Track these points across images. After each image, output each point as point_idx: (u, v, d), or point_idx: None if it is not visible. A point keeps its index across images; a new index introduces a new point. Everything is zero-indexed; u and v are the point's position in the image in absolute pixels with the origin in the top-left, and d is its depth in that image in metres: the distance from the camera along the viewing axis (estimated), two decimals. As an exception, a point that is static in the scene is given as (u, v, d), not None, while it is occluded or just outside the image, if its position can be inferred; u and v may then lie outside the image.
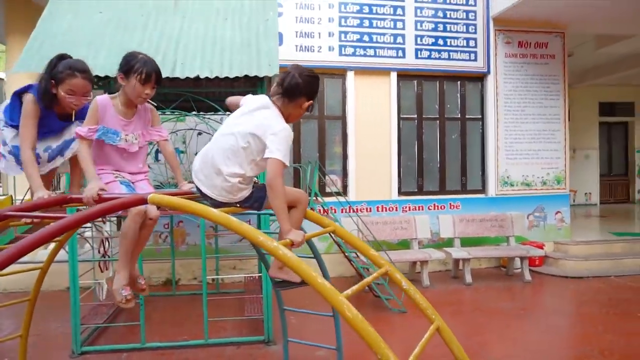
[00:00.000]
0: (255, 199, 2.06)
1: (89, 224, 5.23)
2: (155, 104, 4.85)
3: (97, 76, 4.10)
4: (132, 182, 2.37)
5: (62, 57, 2.35)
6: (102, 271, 5.51)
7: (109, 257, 5.61)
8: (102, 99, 2.26)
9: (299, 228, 2.00)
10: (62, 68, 2.28)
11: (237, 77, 4.19)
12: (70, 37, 4.36)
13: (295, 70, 2.04)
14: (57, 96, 2.30)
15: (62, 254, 5.47)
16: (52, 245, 3.25)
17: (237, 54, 4.40)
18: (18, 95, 2.40)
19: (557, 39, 7.84)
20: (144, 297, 4.35)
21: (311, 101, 2.10)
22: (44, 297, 6.04)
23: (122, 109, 2.32)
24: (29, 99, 2.29)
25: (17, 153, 2.39)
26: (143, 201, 1.84)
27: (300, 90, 2.02)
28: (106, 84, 4.74)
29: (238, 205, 2.10)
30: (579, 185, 12.57)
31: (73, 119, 2.43)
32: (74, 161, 2.55)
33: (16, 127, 2.37)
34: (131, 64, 2.22)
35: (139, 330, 4.37)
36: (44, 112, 2.32)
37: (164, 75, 4.06)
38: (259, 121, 1.98)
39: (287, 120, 2.06)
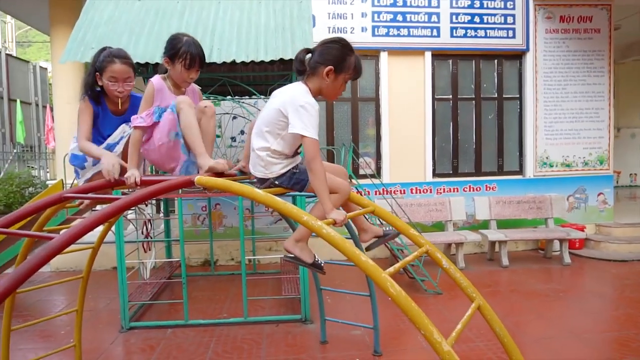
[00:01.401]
0: (297, 181, 2.08)
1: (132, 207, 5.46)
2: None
3: (137, 63, 4.23)
4: None
5: (103, 50, 2.40)
6: (145, 252, 5.75)
7: (151, 238, 5.84)
8: (156, 80, 2.27)
9: None
10: (102, 57, 2.34)
11: (272, 61, 4.23)
12: (111, 27, 4.51)
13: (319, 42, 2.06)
14: (104, 88, 2.36)
15: (109, 236, 5.76)
16: (100, 227, 3.43)
17: (271, 38, 4.44)
18: None
19: (603, 11, 7.47)
20: (186, 277, 4.54)
21: (339, 71, 2.00)
22: (92, 276, 6.38)
23: (174, 89, 2.33)
24: (81, 100, 2.39)
25: (73, 162, 2.48)
26: (190, 183, 1.92)
27: (320, 58, 2.00)
28: (145, 71, 4.89)
29: (277, 183, 2.11)
30: (623, 166, 12.06)
31: (123, 111, 2.46)
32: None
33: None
34: (176, 47, 2.21)
35: (181, 308, 4.57)
36: (97, 109, 2.39)
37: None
38: (284, 97, 2.03)
39: (324, 96, 2.07)
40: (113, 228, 4.66)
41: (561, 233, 6.59)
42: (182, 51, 2.20)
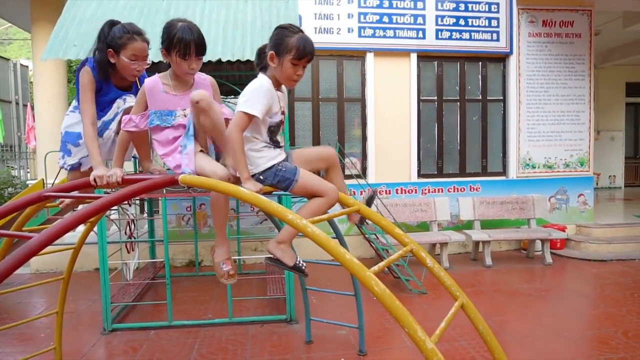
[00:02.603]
0: (282, 179, 2.00)
1: (115, 207, 5.38)
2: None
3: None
4: None
5: (112, 24, 2.23)
6: (128, 252, 5.68)
7: (134, 238, 5.77)
8: (148, 82, 2.07)
9: (313, 215, 1.92)
10: (119, 33, 2.17)
11: (248, 60, 4.21)
12: (94, 24, 4.43)
13: None
14: (117, 65, 2.21)
15: (89, 237, 5.66)
16: (81, 227, 3.38)
17: (257, 37, 4.42)
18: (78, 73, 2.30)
19: (584, 17, 7.62)
20: (170, 278, 4.49)
21: (280, 54, 1.95)
22: (73, 278, 6.27)
23: (175, 84, 2.10)
24: (84, 71, 2.22)
25: (67, 139, 2.37)
26: (174, 181, 1.90)
27: (267, 47, 2.02)
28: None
29: (262, 179, 2.02)
30: (603, 167, 12.31)
31: (127, 85, 2.35)
32: (135, 136, 2.22)
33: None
34: (171, 36, 1.99)
35: (165, 309, 4.53)
36: (99, 84, 2.25)
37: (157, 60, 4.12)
38: None
39: (284, 83, 2.06)
40: (95, 228, 4.59)
41: (543, 233, 6.70)
42: (176, 39, 1.97)
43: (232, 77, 5.61)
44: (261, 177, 2.03)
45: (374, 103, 7.18)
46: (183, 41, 1.97)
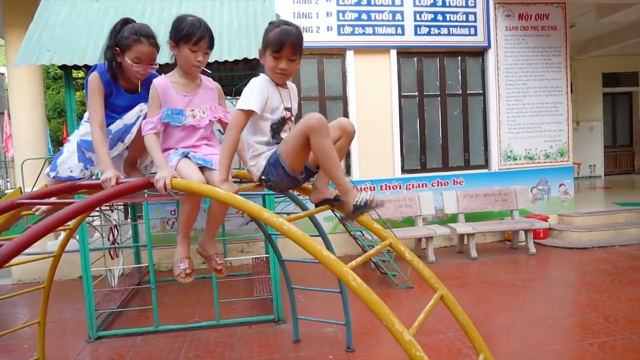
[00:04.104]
0: (273, 165, 1.93)
1: (97, 213, 5.31)
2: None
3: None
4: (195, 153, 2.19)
5: (126, 22, 2.22)
6: (112, 259, 5.61)
7: (118, 244, 5.70)
8: (159, 81, 2.11)
9: (326, 154, 1.79)
10: (127, 33, 2.15)
11: (236, 61, 4.19)
12: (69, 28, 4.37)
13: None
14: (122, 65, 2.18)
15: (73, 245, 5.58)
16: (63, 235, 3.33)
17: (235, 37, 4.39)
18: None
19: (558, 9, 7.74)
20: (155, 282, 4.45)
21: (265, 48, 1.97)
22: (58, 287, 6.20)
23: (183, 83, 2.15)
24: (92, 76, 2.19)
25: (86, 147, 2.28)
26: (150, 184, 1.89)
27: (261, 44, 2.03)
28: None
29: (266, 179, 1.97)
30: (583, 157, 12.53)
31: (139, 90, 2.30)
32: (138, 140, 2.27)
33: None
34: (180, 28, 2.05)
35: (151, 314, 4.48)
36: (109, 88, 2.22)
37: (162, 62, 4.08)
38: None
39: (273, 79, 2.01)
40: (77, 236, 4.53)
41: (526, 224, 6.80)
42: (185, 31, 2.04)
43: (211, 78, 5.57)
44: (263, 178, 1.97)
45: (355, 100, 7.21)
46: (193, 32, 2.03)
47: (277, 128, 1.99)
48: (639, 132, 13.33)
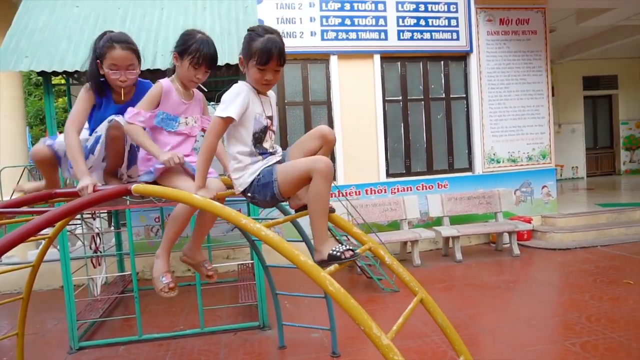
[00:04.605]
0: (263, 187, 1.90)
1: (78, 221, 5.23)
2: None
3: (77, 71, 4.07)
4: None
5: (103, 35, 2.22)
6: (94, 267, 5.52)
7: (100, 252, 5.62)
8: (166, 82, 2.15)
9: (321, 203, 1.76)
10: (102, 43, 2.17)
11: (218, 66, 4.17)
12: (48, 34, 4.31)
13: None
14: (106, 77, 2.18)
15: (55, 254, 5.49)
16: (41, 244, 3.27)
17: (217, 42, 4.34)
18: None
19: (538, 14, 7.88)
20: (138, 291, 4.40)
21: (247, 58, 1.92)
22: (40, 297, 6.09)
23: (182, 91, 2.20)
24: (83, 87, 2.20)
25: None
26: (127, 191, 1.87)
27: (240, 52, 2.00)
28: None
29: (252, 197, 1.94)
30: (565, 159, 12.74)
31: (127, 100, 2.28)
32: (118, 141, 2.24)
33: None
34: (187, 43, 2.10)
35: (135, 323, 4.42)
36: (99, 99, 2.21)
37: (144, 68, 4.05)
38: None
39: (257, 88, 1.97)
40: (58, 245, 4.45)
41: (510, 226, 6.87)
42: (192, 48, 2.09)
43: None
44: (249, 195, 1.94)
45: (340, 105, 7.23)
46: (199, 51, 2.09)
47: (259, 137, 1.96)
48: (618, 134, 13.60)
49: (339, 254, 1.73)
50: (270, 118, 2.03)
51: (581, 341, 3.77)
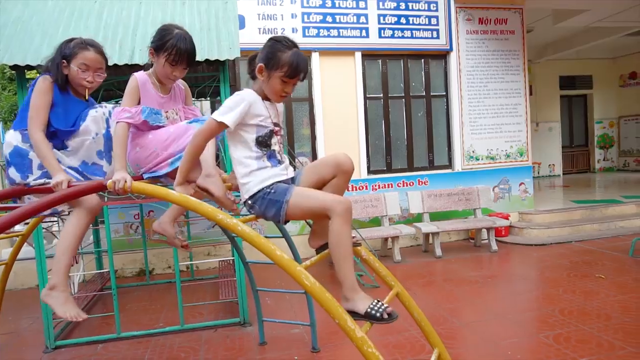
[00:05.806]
0: (269, 204, 1.82)
1: (55, 218, 5.14)
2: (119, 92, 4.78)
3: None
4: None
5: (70, 40, 2.24)
6: (72, 265, 5.43)
7: (78, 250, 5.53)
8: (140, 75, 2.10)
9: (341, 246, 1.69)
10: (73, 44, 2.17)
11: (198, 62, 4.14)
12: (22, 27, 4.21)
13: None
14: (69, 76, 2.17)
15: (31, 251, 5.38)
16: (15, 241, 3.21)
17: (197, 38, 4.32)
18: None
19: (516, 14, 8.01)
20: (116, 288, 4.34)
21: (270, 67, 1.84)
22: (15, 296, 5.97)
23: (159, 85, 2.17)
24: (43, 78, 2.13)
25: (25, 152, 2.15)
26: (103, 187, 1.85)
27: (257, 57, 1.90)
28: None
29: (250, 203, 1.87)
30: (543, 157, 13.01)
31: (86, 98, 2.26)
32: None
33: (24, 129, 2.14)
34: (164, 39, 2.06)
35: (114, 321, 4.37)
36: (58, 96, 2.16)
37: (121, 63, 4.00)
38: None
39: (271, 98, 1.92)
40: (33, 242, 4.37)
41: (488, 222, 6.99)
42: (169, 44, 2.03)
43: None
44: (250, 202, 1.86)
45: (321, 102, 7.25)
46: (176, 48, 2.04)
47: (263, 141, 1.88)
48: (593, 132, 13.95)
49: (378, 314, 1.62)
50: (277, 125, 1.96)
51: (554, 334, 3.88)
